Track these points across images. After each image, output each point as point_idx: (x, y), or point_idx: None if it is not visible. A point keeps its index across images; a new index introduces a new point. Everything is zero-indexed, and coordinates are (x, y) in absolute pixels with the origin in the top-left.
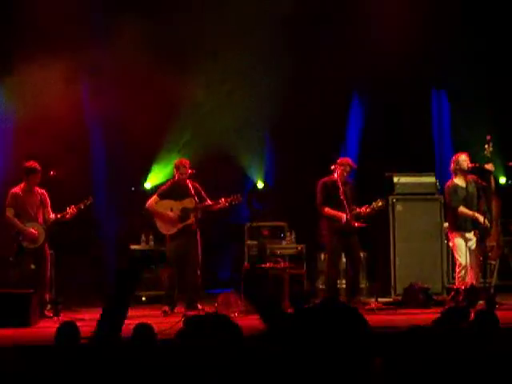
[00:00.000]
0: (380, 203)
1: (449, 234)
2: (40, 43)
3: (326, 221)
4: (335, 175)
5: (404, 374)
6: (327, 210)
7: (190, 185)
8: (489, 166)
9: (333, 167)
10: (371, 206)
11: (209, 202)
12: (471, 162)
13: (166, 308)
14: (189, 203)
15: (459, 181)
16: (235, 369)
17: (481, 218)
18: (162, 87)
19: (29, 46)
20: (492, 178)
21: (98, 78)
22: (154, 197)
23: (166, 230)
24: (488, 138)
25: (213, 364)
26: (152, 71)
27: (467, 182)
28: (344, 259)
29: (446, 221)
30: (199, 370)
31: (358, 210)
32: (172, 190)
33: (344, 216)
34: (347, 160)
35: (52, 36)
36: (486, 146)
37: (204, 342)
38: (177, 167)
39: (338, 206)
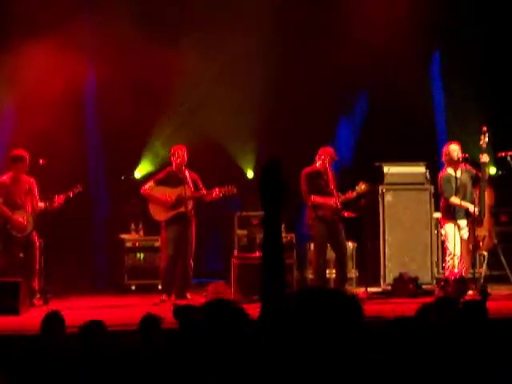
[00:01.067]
0: (363, 186)
1: (441, 222)
2: (28, 23)
3: (311, 210)
4: (317, 164)
5: (394, 363)
6: (314, 197)
7: (187, 173)
8: (484, 157)
9: (319, 156)
10: (355, 190)
11: (204, 191)
12: (463, 151)
13: (164, 297)
14: (183, 191)
15: (452, 170)
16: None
17: (472, 208)
18: (152, 77)
19: (15, 28)
20: (486, 169)
21: (85, 64)
22: (150, 182)
23: (160, 216)
24: (483, 129)
25: None
26: (143, 61)
27: (460, 172)
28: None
29: (437, 210)
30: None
31: (343, 196)
32: (169, 178)
33: (334, 200)
34: (330, 150)
35: (40, 16)
36: (482, 137)
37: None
38: (173, 153)
39: (324, 195)
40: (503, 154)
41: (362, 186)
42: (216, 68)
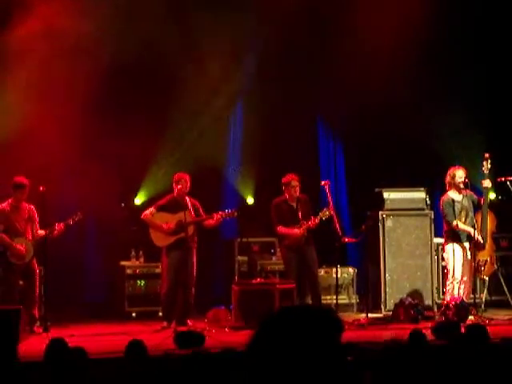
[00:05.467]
0: (327, 213)
1: (444, 245)
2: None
3: (280, 239)
4: (286, 195)
5: None
6: (280, 228)
7: (188, 200)
8: (486, 183)
9: (283, 188)
10: (318, 217)
11: (204, 217)
12: (466, 178)
13: (165, 323)
14: (184, 217)
15: (454, 194)
16: None
17: (473, 232)
18: (153, 105)
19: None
20: (488, 195)
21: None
22: (151, 208)
23: (160, 241)
24: (486, 155)
25: None
26: (142, 87)
27: (462, 196)
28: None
29: (437, 235)
30: None
31: (306, 223)
32: (170, 204)
33: (297, 230)
34: (289, 177)
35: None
36: (484, 163)
37: None
38: (177, 181)
39: (294, 224)
40: (503, 179)
41: (325, 212)
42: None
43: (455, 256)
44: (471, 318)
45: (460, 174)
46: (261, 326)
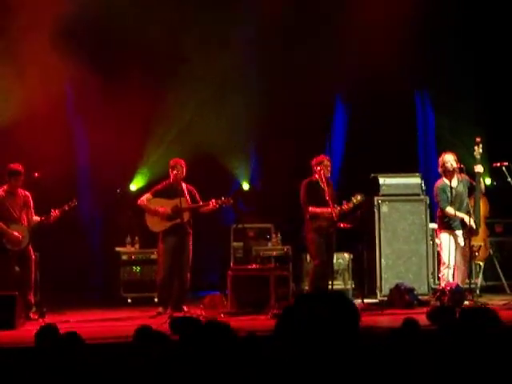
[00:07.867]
0: (359, 197)
1: (437, 232)
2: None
3: (309, 221)
4: (316, 176)
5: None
6: (312, 208)
7: (184, 186)
8: (478, 168)
9: (315, 168)
10: (351, 202)
11: (200, 203)
12: (459, 162)
13: (160, 309)
14: (179, 202)
15: (447, 180)
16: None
17: (467, 219)
18: (148, 88)
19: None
20: (481, 179)
21: (81, 78)
22: (147, 194)
23: (156, 227)
24: (477, 140)
25: None
26: (137, 73)
27: (456, 182)
28: None
29: (432, 221)
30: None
31: (339, 207)
32: (166, 190)
33: (332, 211)
34: (321, 157)
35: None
36: (476, 148)
37: None
38: (173, 167)
39: (323, 205)
40: (498, 165)
41: (357, 197)
42: (211, 81)
43: (448, 243)
44: (466, 303)
45: (447, 158)
46: (284, 312)
